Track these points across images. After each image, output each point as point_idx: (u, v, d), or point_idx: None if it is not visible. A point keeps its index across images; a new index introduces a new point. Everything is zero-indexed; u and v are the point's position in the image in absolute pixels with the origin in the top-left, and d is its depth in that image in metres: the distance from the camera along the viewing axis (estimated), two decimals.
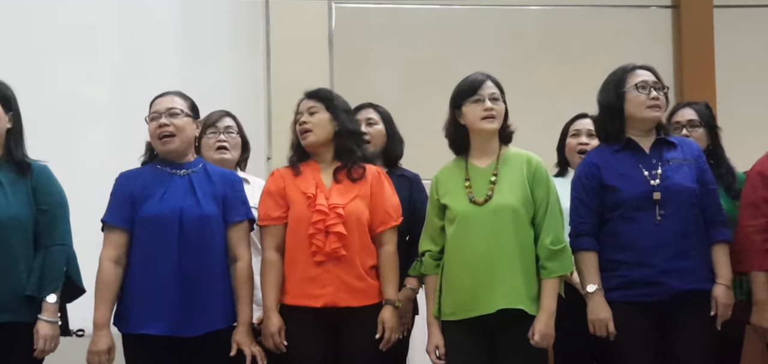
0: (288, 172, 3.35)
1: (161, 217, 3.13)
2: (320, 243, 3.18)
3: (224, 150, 3.64)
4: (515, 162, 3.21)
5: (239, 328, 3.18)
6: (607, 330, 3.15)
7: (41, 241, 3.10)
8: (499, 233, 3.10)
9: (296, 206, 3.26)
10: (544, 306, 3.10)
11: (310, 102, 3.33)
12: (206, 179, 3.25)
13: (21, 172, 3.10)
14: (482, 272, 3.08)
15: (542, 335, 3.07)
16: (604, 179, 3.24)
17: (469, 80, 3.22)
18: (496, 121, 3.19)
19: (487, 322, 3.09)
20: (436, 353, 3.18)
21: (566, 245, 3.18)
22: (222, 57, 5.62)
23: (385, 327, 3.20)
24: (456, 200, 3.18)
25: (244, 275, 3.22)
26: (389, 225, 3.30)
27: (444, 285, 3.20)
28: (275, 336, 3.20)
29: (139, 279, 3.13)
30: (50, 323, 3.05)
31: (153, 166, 3.27)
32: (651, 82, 3.26)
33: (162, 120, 3.20)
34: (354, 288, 3.20)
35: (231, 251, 3.23)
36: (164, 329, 3.08)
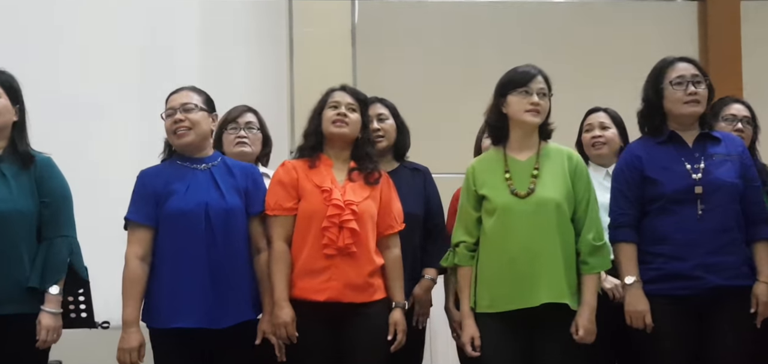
0: (301, 164, 3.33)
1: (187, 211, 3.13)
2: (333, 237, 3.17)
3: (243, 145, 3.64)
4: (556, 157, 3.19)
5: (265, 317, 3.19)
6: (645, 322, 3.12)
7: (44, 233, 3.11)
8: (541, 226, 3.07)
9: (309, 199, 3.25)
10: (586, 301, 3.08)
11: (349, 98, 3.34)
12: (227, 172, 3.26)
13: (24, 164, 3.11)
14: (524, 265, 3.06)
15: (586, 331, 3.05)
16: (646, 171, 3.21)
17: (521, 71, 3.19)
18: (539, 116, 3.16)
19: (525, 315, 3.07)
20: (471, 345, 3.16)
21: (607, 242, 3.17)
22: (245, 52, 5.62)
23: (397, 329, 3.21)
24: (496, 191, 3.15)
25: (266, 265, 3.22)
26: (395, 230, 3.32)
27: (480, 277, 3.17)
28: (288, 326, 3.16)
29: (168, 274, 3.13)
30: (53, 315, 3.05)
31: (173, 161, 3.28)
32: (689, 76, 3.21)
33: (177, 115, 3.21)
34: (358, 286, 3.19)
35: (254, 243, 3.24)
36: (196, 322, 3.08)
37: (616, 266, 3.23)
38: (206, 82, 4.70)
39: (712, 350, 3.11)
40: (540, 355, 3.10)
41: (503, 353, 3.09)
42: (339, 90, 3.39)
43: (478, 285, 3.16)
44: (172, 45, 5.34)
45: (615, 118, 3.78)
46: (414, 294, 3.45)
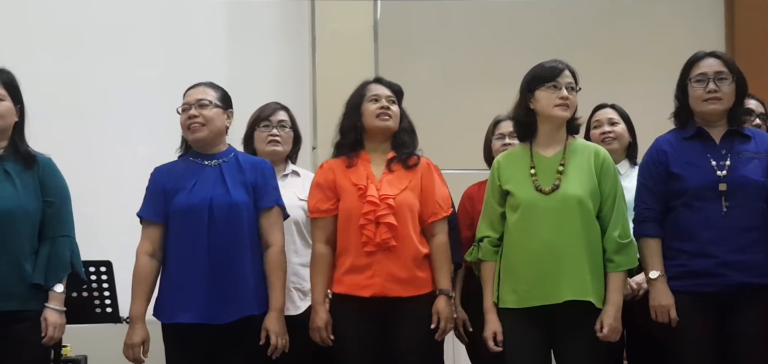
0: (338, 164, 3.36)
1: (191, 207, 3.17)
2: (371, 233, 3.19)
3: (276, 143, 3.65)
4: (582, 153, 3.18)
5: (270, 314, 3.19)
6: (670, 317, 3.10)
7: (48, 232, 3.14)
8: (565, 223, 3.07)
9: (347, 197, 3.27)
10: (611, 300, 3.07)
11: (388, 91, 3.36)
12: (236, 168, 3.27)
13: (28, 164, 3.15)
14: (547, 261, 3.06)
15: (611, 329, 3.04)
16: (671, 166, 3.19)
17: (548, 66, 3.18)
18: (569, 111, 3.16)
19: (548, 312, 3.06)
20: (494, 340, 3.15)
21: (633, 239, 3.16)
22: (268, 48, 5.65)
23: (440, 318, 3.21)
24: (520, 187, 3.15)
25: (275, 261, 3.23)
26: (440, 216, 3.30)
27: (503, 272, 3.17)
28: (321, 331, 3.23)
29: (173, 269, 3.18)
30: (58, 312, 3.10)
31: (185, 158, 3.31)
32: (712, 73, 3.18)
33: (192, 111, 3.25)
34: (402, 279, 3.20)
35: (263, 238, 3.25)
36: (196, 317, 3.11)
37: (640, 260, 3.21)
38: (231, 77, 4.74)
39: (735, 348, 3.09)
40: (563, 352, 3.10)
41: (525, 349, 3.09)
42: (375, 83, 3.41)
43: (501, 280, 3.16)
44: (198, 42, 5.38)
45: (622, 114, 3.78)
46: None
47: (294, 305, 3.49)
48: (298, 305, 3.51)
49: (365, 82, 3.43)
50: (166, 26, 5.36)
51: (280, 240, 3.27)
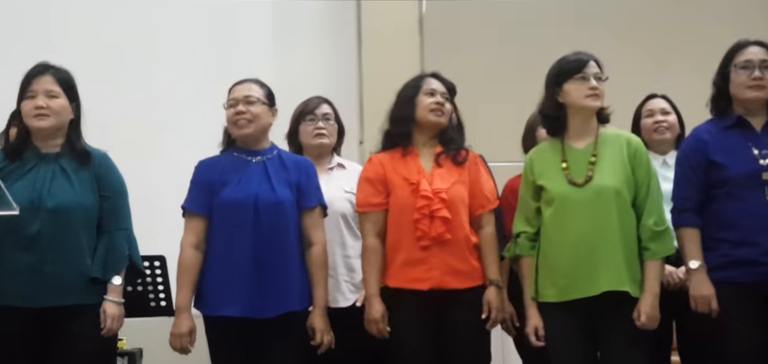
0: (387, 158, 3.38)
1: (237, 202, 3.21)
2: (426, 228, 3.21)
3: (322, 137, 3.69)
4: (614, 143, 3.17)
5: (315, 311, 3.24)
6: (711, 308, 3.09)
7: (105, 226, 3.20)
8: (600, 214, 3.07)
9: (398, 192, 3.29)
10: (648, 288, 3.06)
11: (442, 87, 3.38)
12: (280, 166, 3.32)
13: (83, 161, 3.21)
14: (583, 253, 3.06)
15: (649, 317, 3.03)
16: (711, 155, 3.17)
17: (573, 59, 3.19)
18: (600, 100, 3.16)
19: (586, 304, 3.07)
20: (535, 335, 3.17)
21: (669, 227, 3.15)
22: (314, 44, 5.69)
23: (491, 308, 3.23)
24: (553, 181, 3.16)
25: (319, 259, 3.28)
26: (487, 208, 3.33)
27: (541, 267, 3.18)
28: (378, 323, 3.25)
29: (217, 263, 3.22)
30: (116, 304, 3.15)
31: (230, 153, 3.36)
32: (757, 61, 3.16)
33: (239, 107, 3.29)
34: (459, 271, 3.22)
35: (306, 236, 3.29)
36: (240, 311, 3.15)
37: (679, 251, 3.20)
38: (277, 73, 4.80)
39: None
40: (603, 343, 3.09)
41: (567, 342, 3.11)
42: (432, 77, 3.42)
43: (539, 275, 3.17)
44: (245, 40, 5.44)
45: (673, 105, 3.75)
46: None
47: (344, 297, 3.53)
48: (348, 297, 3.55)
49: (422, 74, 3.46)
50: (213, 25, 5.44)
51: (322, 239, 3.31)
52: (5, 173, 3.09)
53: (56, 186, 3.12)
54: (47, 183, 3.11)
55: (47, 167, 3.15)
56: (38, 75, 3.20)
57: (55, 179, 3.13)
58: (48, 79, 3.19)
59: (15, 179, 3.11)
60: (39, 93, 3.16)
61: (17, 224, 3.02)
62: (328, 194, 3.48)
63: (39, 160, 3.17)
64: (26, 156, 3.17)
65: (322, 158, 3.71)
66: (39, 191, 3.09)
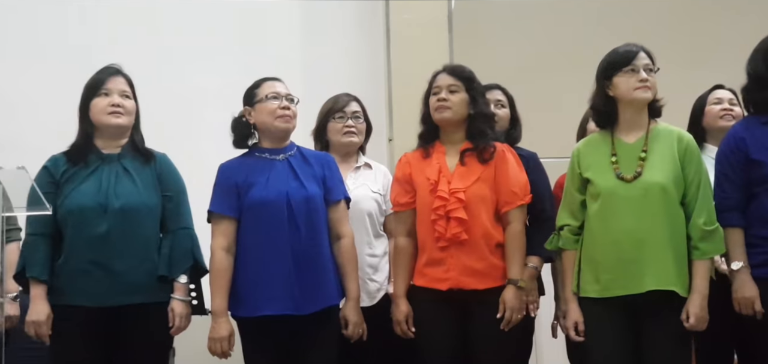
0: (415, 157, 3.38)
1: (269, 201, 3.20)
2: (442, 229, 3.20)
3: (352, 134, 3.70)
4: (665, 139, 3.13)
5: (348, 303, 3.25)
6: (754, 309, 3.05)
7: (169, 225, 3.25)
8: (648, 211, 3.02)
9: (421, 192, 3.30)
10: (697, 288, 3.02)
11: (450, 79, 3.34)
12: (304, 162, 3.33)
13: (146, 160, 3.27)
14: (629, 250, 3.02)
15: (697, 318, 2.99)
16: (750, 153, 3.13)
17: (623, 51, 3.15)
18: (651, 92, 3.11)
19: (631, 301, 3.03)
20: (575, 330, 3.14)
21: (719, 226, 3.09)
22: (343, 40, 5.68)
23: (506, 307, 3.19)
24: (601, 175, 3.12)
25: (349, 251, 3.28)
26: (515, 204, 3.27)
27: (584, 261, 3.15)
28: (402, 324, 3.27)
29: (252, 264, 3.21)
30: (183, 302, 3.19)
31: (252, 154, 3.36)
32: None
33: (284, 102, 3.30)
34: (478, 271, 3.20)
35: (333, 230, 3.29)
36: (282, 309, 3.14)
37: None
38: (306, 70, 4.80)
39: None
40: (647, 342, 3.04)
41: (607, 339, 3.06)
42: (441, 73, 3.39)
43: (582, 270, 3.14)
44: (273, 37, 5.45)
45: (737, 99, 3.70)
46: None
47: (369, 297, 3.53)
48: (375, 296, 3.56)
49: (435, 72, 3.42)
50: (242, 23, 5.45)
51: (350, 231, 3.32)
52: (68, 175, 3.18)
53: (121, 186, 3.17)
54: (112, 183, 3.17)
55: (111, 168, 3.21)
56: (112, 76, 3.28)
57: (120, 180, 3.19)
58: (121, 80, 3.28)
59: (80, 181, 3.18)
60: (114, 92, 3.24)
61: (86, 225, 3.10)
62: (355, 193, 3.49)
63: (101, 161, 3.23)
64: (89, 158, 3.23)
65: (349, 157, 3.71)
66: (105, 192, 3.15)
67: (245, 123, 3.36)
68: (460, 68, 3.39)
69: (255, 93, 3.35)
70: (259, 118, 3.33)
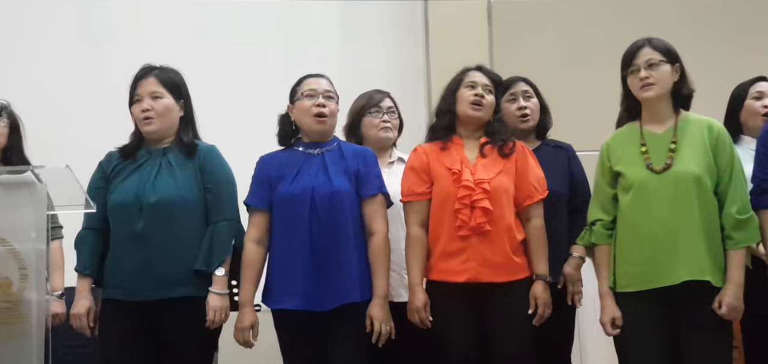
0: (432, 148, 3.36)
1: (294, 196, 3.21)
2: (466, 218, 3.18)
3: (388, 130, 3.70)
4: (695, 128, 3.09)
5: (375, 301, 3.21)
6: None
7: (210, 217, 3.26)
8: (680, 201, 2.99)
9: (441, 181, 3.27)
10: (731, 278, 2.98)
11: (486, 79, 3.36)
12: (339, 157, 3.32)
13: (189, 154, 3.29)
14: (663, 242, 2.99)
15: (731, 308, 2.95)
16: None
17: (628, 49, 3.15)
18: (653, 89, 3.08)
19: (666, 294, 3.00)
20: (611, 325, 3.11)
21: (753, 214, 3.04)
22: (381, 34, 5.69)
23: (538, 303, 3.17)
24: (631, 167, 3.10)
25: (379, 247, 3.25)
26: (535, 199, 3.26)
27: (618, 255, 3.12)
28: (420, 311, 3.22)
29: (277, 257, 3.24)
30: (220, 295, 3.19)
31: (291, 147, 3.37)
32: None
33: (320, 100, 3.30)
34: (497, 264, 3.17)
35: (367, 225, 3.28)
36: (298, 304, 3.16)
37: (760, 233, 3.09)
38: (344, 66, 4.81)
39: None
40: (685, 334, 3.01)
41: (645, 333, 3.03)
42: (475, 70, 3.39)
43: (616, 264, 3.11)
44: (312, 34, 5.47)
45: None
46: (565, 273, 3.41)
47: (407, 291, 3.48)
48: None
49: (466, 68, 3.42)
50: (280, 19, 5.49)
51: (383, 228, 3.28)
52: (118, 170, 3.23)
53: (160, 181, 3.21)
54: (152, 178, 3.21)
55: (154, 162, 3.26)
56: (142, 78, 3.31)
57: (160, 174, 3.22)
58: (151, 81, 3.30)
59: (126, 176, 3.23)
60: (144, 96, 3.27)
61: (126, 220, 3.15)
62: (390, 188, 3.47)
63: (149, 156, 3.29)
64: (139, 153, 3.30)
65: (384, 152, 3.71)
66: (143, 187, 3.19)
67: (289, 120, 3.39)
68: (493, 72, 3.43)
69: (296, 90, 3.38)
70: (297, 116, 3.36)
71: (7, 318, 2.88)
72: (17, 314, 2.87)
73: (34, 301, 2.90)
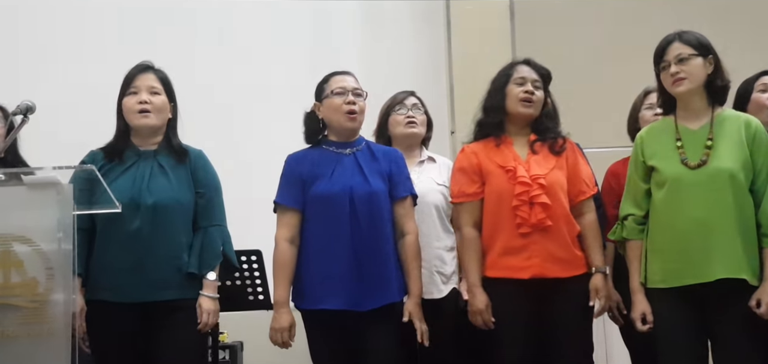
0: (480, 147, 3.34)
1: (332, 195, 3.20)
2: (525, 215, 3.16)
3: (413, 125, 3.68)
4: (732, 124, 3.06)
5: (411, 300, 3.21)
6: None
7: (200, 222, 3.25)
8: (716, 198, 2.96)
9: (494, 180, 3.25)
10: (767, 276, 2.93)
11: (535, 75, 3.33)
12: (371, 157, 3.31)
13: (180, 158, 3.27)
14: (697, 238, 2.96)
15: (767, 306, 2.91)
16: None
17: (659, 45, 3.12)
18: (685, 84, 3.05)
19: (699, 291, 2.96)
20: (642, 321, 3.08)
21: None
22: (404, 33, 5.68)
23: (599, 295, 3.18)
24: (666, 162, 3.07)
25: (413, 248, 3.25)
26: (587, 194, 3.27)
27: (650, 251, 3.09)
28: (483, 313, 3.21)
29: (314, 257, 3.21)
30: (211, 298, 3.20)
31: (319, 146, 3.35)
32: None
33: (350, 97, 3.29)
34: (561, 259, 3.17)
35: (398, 226, 3.27)
36: (341, 304, 3.14)
37: None
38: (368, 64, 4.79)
39: None
40: (718, 332, 2.97)
41: (676, 329, 3.00)
42: (523, 64, 3.37)
43: (648, 260, 3.08)
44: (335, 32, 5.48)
45: None
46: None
47: (437, 289, 3.50)
48: (442, 288, 3.52)
49: (514, 62, 3.39)
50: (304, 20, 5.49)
51: (415, 228, 3.29)
52: (105, 171, 3.17)
53: (155, 183, 3.19)
54: (146, 180, 3.18)
55: (146, 164, 3.23)
56: (141, 72, 3.29)
57: (154, 176, 3.20)
58: (151, 77, 3.29)
59: (115, 177, 3.19)
60: (142, 89, 3.25)
61: (118, 221, 3.10)
62: (420, 187, 3.46)
63: (138, 157, 3.25)
64: (126, 154, 3.25)
65: (413, 150, 3.69)
66: (138, 188, 3.16)
67: (316, 118, 3.37)
68: (541, 66, 3.38)
69: (324, 87, 3.36)
70: (326, 114, 3.34)
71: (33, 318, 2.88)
72: (44, 315, 2.88)
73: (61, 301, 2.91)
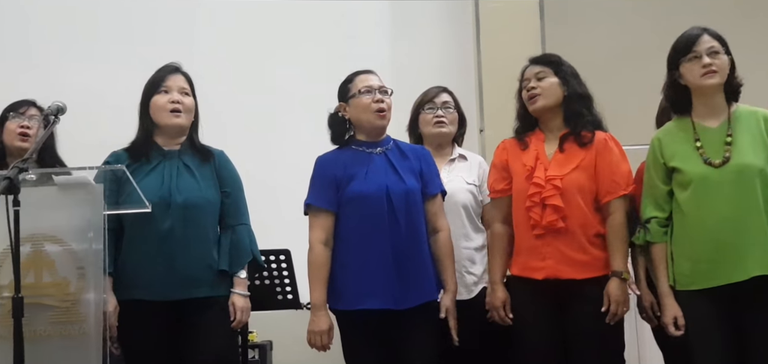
0: (513, 144, 3.36)
1: (369, 195, 3.19)
2: (537, 216, 3.16)
3: (442, 125, 3.65)
4: (750, 120, 3.04)
5: (447, 296, 3.22)
6: None
7: (228, 221, 3.29)
8: (743, 195, 2.93)
9: (517, 179, 3.27)
10: None
11: (536, 67, 3.33)
12: (401, 156, 3.30)
13: (205, 157, 3.30)
14: (727, 237, 2.93)
15: None
16: None
17: (684, 37, 3.09)
18: (717, 76, 3.02)
19: (730, 290, 2.93)
20: (674, 325, 3.05)
21: None
22: (432, 32, 5.67)
23: (610, 300, 3.11)
24: (688, 162, 3.04)
25: (447, 245, 3.26)
26: (617, 194, 3.20)
27: (676, 252, 3.06)
28: (499, 310, 3.23)
29: (352, 257, 3.19)
30: (243, 296, 3.24)
31: (349, 147, 3.34)
32: None
33: (378, 96, 3.28)
34: (576, 260, 3.14)
35: (430, 223, 3.27)
36: (382, 303, 3.12)
37: None
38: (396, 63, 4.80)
39: None
40: (753, 332, 2.93)
41: (710, 331, 2.96)
42: (529, 65, 3.37)
43: (675, 262, 3.04)
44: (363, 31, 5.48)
45: None
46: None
47: (467, 290, 3.49)
48: (472, 289, 3.51)
49: (523, 68, 3.40)
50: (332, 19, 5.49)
51: (447, 225, 3.30)
52: (131, 171, 3.18)
53: (183, 182, 3.22)
54: (174, 179, 3.21)
55: (172, 164, 3.26)
56: (172, 73, 3.32)
57: (181, 176, 3.23)
58: (181, 78, 3.33)
59: (142, 177, 3.21)
60: (173, 89, 3.28)
61: (150, 220, 3.13)
62: (450, 185, 3.45)
63: (163, 157, 3.28)
64: (151, 154, 3.28)
65: (443, 148, 3.67)
66: (168, 187, 3.19)
67: (341, 119, 3.35)
68: (544, 54, 3.39)
69: (348, 88, 3.34)
70: (353, 114, 3.32)
71: (65, 318, 2.91)
72: (75, 314, 2.90)
73: (92, 301, 2.93)
